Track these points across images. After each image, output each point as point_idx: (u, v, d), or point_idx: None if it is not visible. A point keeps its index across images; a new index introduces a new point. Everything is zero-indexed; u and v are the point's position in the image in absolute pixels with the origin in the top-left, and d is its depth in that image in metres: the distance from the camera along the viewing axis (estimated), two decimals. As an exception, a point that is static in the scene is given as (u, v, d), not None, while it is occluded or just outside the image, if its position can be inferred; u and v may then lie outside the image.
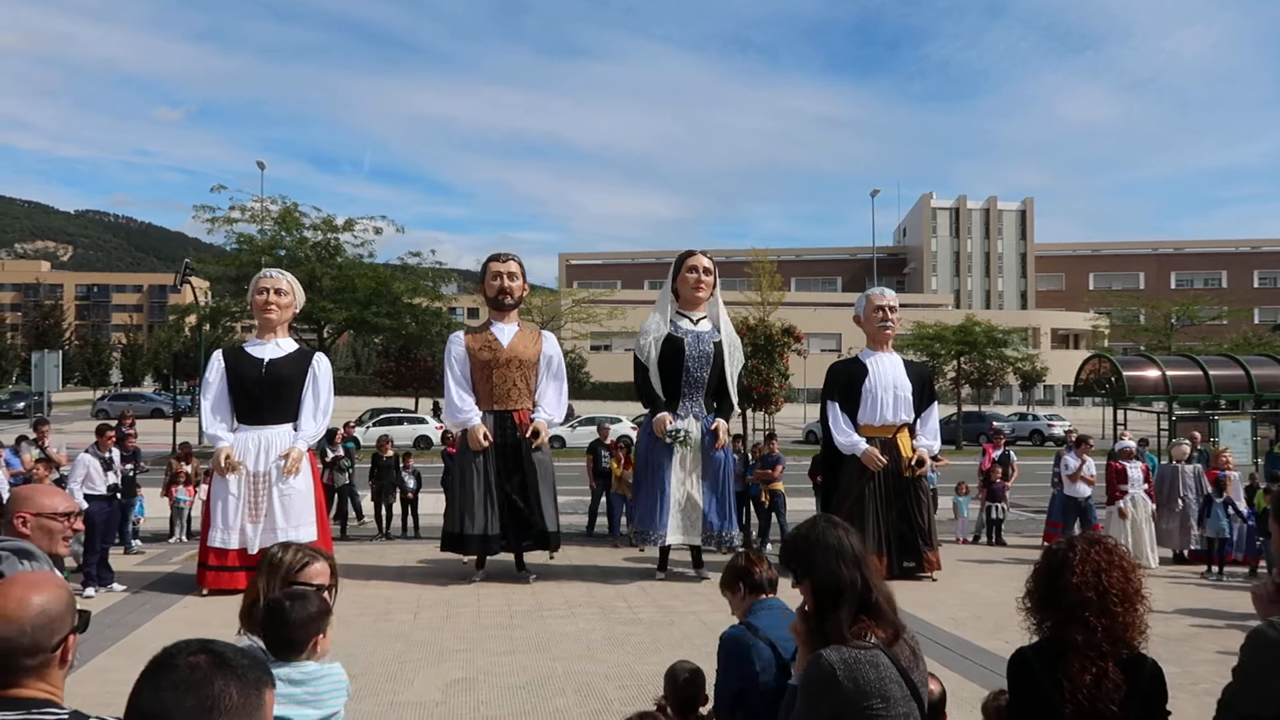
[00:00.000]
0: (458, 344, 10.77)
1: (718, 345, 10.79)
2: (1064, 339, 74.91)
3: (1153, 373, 17.48)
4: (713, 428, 10.50)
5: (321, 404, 10.23)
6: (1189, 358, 19.07)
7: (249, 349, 10.27)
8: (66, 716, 1.84)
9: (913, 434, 11.00)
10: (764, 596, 3.47)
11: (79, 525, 3.49)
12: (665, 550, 10.66)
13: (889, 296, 11.53)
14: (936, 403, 11.59)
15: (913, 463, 10.71)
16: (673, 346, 10.66)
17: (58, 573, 3.25)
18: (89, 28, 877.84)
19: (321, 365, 10.35)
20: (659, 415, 10.52)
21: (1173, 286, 79.61)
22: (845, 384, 11.13)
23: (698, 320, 10.92)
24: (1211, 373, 17.25)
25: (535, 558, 10.85)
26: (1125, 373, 17.27)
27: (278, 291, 10.24)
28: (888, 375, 11.05)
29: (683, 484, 10.43)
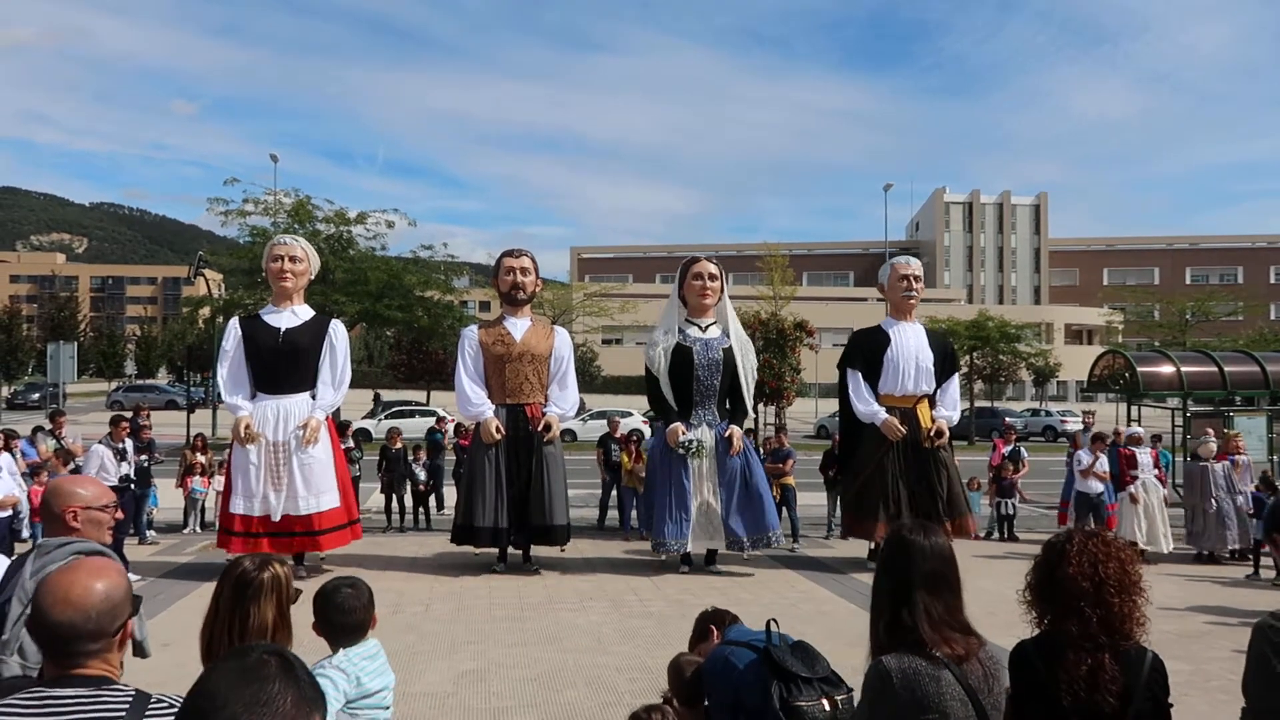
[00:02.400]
0: (471, 337, 10.85)
1: (727, 351, 10.75)
2: (1078, 334, 74.50)
3: (1167, 369, 17.37)
4: (726, 435, 10.48)
5: (339, 372, 10.25)
6: (1204, 354, 18.94)
7: (265, 317, 10.26)
8: (134, 694, 1.93)
9: (933, 405, 10.97)
10: (732, 625, 3.71)
11: (120, 514, 3.52)
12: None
13: (914, 266, 11.42)
14: (958, 374, 11.47)
15: (931, 433, 10.69)
16: (682, 356, 10.63)
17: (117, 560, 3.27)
18: (108, 21, 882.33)
19: (338, 332, 10.38)
20: (671, 426, 10.49)
21: (1188, 282, 79.02)
22: (867, 353, 11.08)
23: (706, 327, 10.88)
24: (1227, 369, 17.14)
25: (547, 551, 10.86)
26: (1139, 369, 17.18)
27: (292, 259, 10.20)
28: (910, 345, 10.97)
29: (700, 492, 10.42)
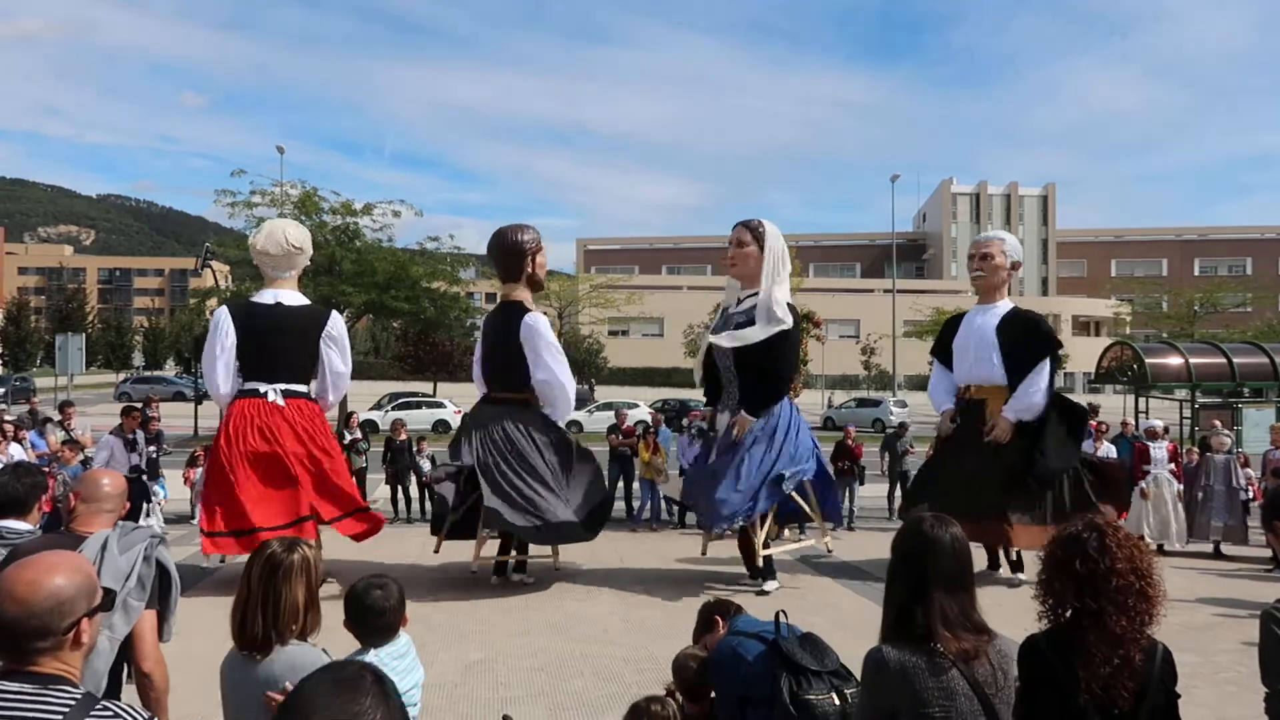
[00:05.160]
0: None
1: (741, 325, 9.42)
2: (1085, 326, 74.23)
3: (1175, 360, 17.32)
4: (730, 422, 9.41)
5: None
6: (1212, 345, 18.91)
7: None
8: (79, 696, 1.88)
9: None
10: (737, 615, 3.69)
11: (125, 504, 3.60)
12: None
13: (980, 243, 10.48)
14: (1046, 361, 9.72)
15: (988, 429, 9.61)
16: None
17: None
18: (117, 14, 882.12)
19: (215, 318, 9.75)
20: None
21: (1196, 273, 78.72)
22: (942, 342, 10.66)
23: (745, 299, 9.60)
24: (1235, 360, 17.09)
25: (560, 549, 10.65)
26: (1148, 360, 17.13)
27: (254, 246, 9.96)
28: (972, 332, 10.11)
29: (703, 476, 9.63)
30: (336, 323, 9.91)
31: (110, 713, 1.88)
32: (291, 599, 2.79)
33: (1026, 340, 9.81)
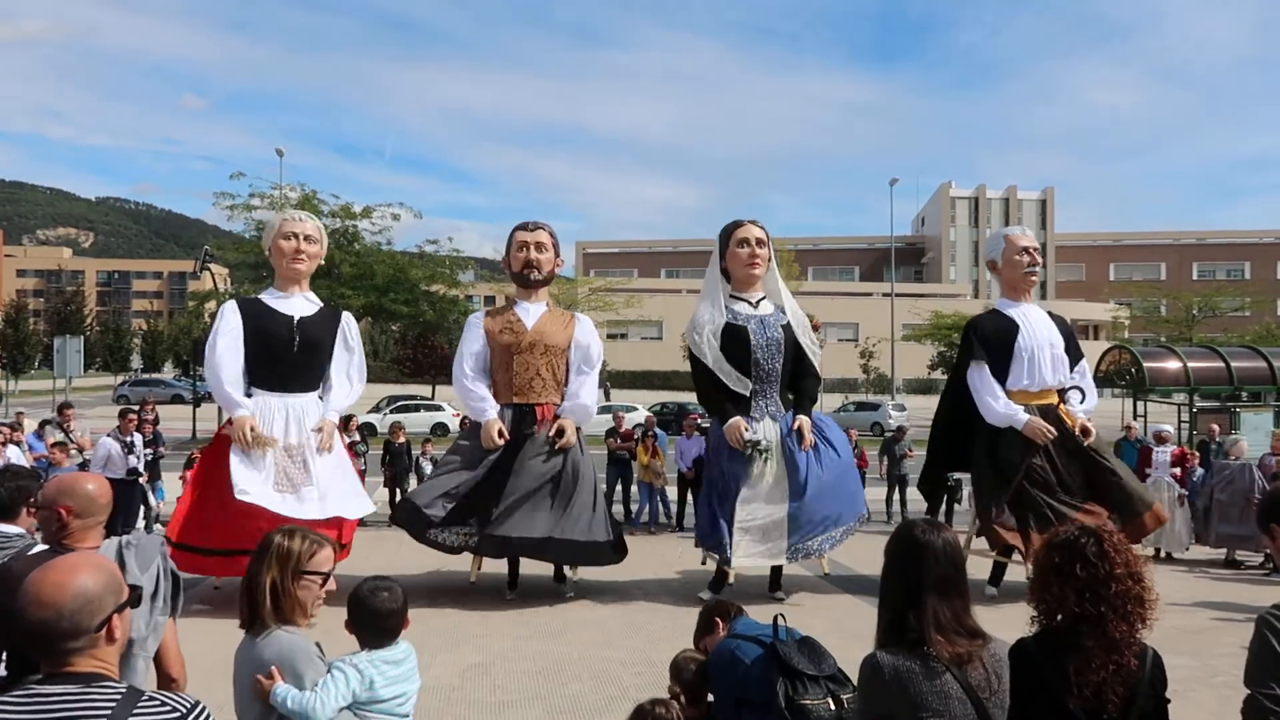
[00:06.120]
0: (475, 325, 9.41)
1: (786, 329, 9.14)
2: (1083, 330, 74.22)
3: (1174, 364, 17.37)
4: (795, 427, 8.83)
5: (356, 370, 9.20)
6: (1211, 349, 18.96)
7: (271, 302, 8.86)
8: (124, 691, 1.90)
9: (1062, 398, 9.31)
10: (739, 617, 3.74)
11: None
12: (722, 567, 9.02)
13: (1031, 235, 9.64)
14: (1084, 358, 9.70)
15: (1077, 431, 8.95)
16: (735, 336, 8.92)
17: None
18: (118, 15, 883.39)
19: (353, 327, 9.29)
20: (732, 422, 8.71)
21: (1195, 277, 78.87)
22: (998, 342, 9.07)
23: (757, 302, 9.28)
24: (1233, 364, 17.14)
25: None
26: (1146, 364, 17.17)
27: (307, 238, 8.86)
28: (1041, 331, 9.13)
29: (766, 499, 8.66)
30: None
31: (158, 701, 1.90)
32: (261, 581, 2.84)
33: (1070, 336, 9.47)
